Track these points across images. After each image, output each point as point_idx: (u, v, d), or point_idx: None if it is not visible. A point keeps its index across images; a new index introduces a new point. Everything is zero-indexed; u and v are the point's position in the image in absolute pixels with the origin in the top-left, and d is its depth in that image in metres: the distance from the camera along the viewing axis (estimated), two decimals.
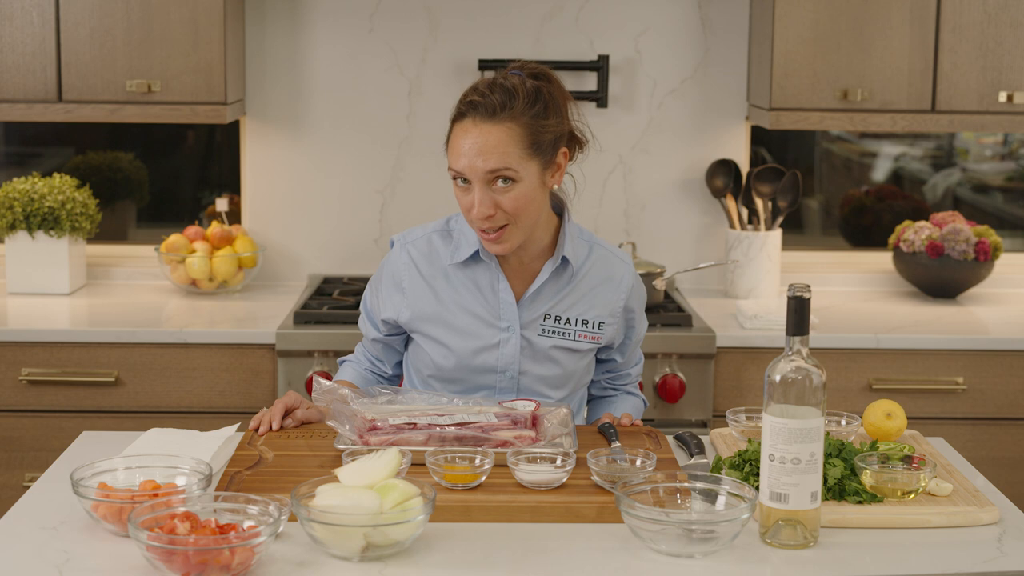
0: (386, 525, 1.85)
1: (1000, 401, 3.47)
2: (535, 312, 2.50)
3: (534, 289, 2.48)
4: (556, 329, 2.50)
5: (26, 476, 3.40)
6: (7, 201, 3.69)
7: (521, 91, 2.35)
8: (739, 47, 3.91)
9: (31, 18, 3.53)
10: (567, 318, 2.50)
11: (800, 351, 1.95)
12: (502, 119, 2.33)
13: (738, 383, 3.44)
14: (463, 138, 2.34)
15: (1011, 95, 3.60)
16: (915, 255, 3.82)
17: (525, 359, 2.50)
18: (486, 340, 2.48)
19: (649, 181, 3.97)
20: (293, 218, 3.97)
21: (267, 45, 3.88)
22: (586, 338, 2.52)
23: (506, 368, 2.49)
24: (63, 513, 2.06)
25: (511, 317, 2.48)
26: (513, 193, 2.34)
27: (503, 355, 2.49)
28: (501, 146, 2.32)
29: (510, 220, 2.37)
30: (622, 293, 2.55)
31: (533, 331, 2.49)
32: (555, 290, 2.51)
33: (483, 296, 2.49)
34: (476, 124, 2.33)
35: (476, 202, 2.34)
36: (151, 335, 3.39)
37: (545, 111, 2.37)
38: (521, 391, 2.52)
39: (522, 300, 2.49)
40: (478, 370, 2.50)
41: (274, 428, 2.42)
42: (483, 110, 2.33)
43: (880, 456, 2.17)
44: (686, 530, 1.91)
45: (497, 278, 2.48)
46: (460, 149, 2.34)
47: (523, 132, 2.34)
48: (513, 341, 2.48)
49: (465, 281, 2.50)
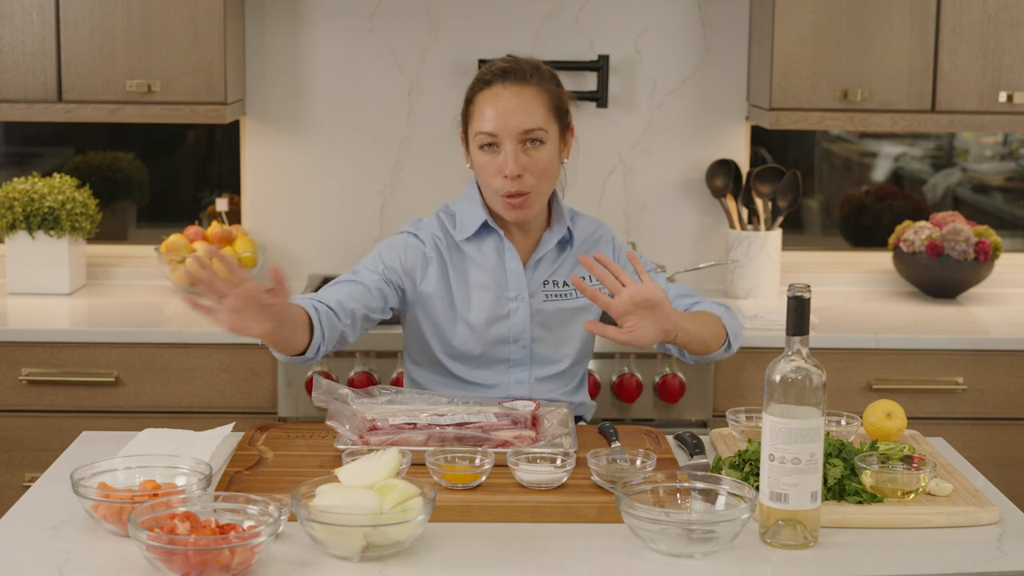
0: (386, 525, 1.85)
1: (1000, 401, 3.47)
2: (537, 280, 2.59)
3: (538, 256, 2.58)
4: (557, 293, 2.59)
5: (26, 476, 3.40)
6: (7, 201, 3.68)
7: (541, 64, 2.54)
8: (739, 47, 3.91)
9: (31, 18, 3.53)
10: (564, 281, 2.60)
11: (800, 351, 1.95)
12: (532, 83, 2.49)
13: (738, 383, 3.44)
14: (494, 101, 2.47)
15: (1011, 95, 3.60)
16: (915, 255, 3.82)
17: (536, 326, 2.57)
18: (496, 311, 2.56)
19: (649, 181, 3.97)
20: (293, 218, 3.97)
21: (267, 45, 3.88)
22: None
23: (518, 337, 2.56)
24: (63, 513, 2.06)
25: (519, 285, 2.56)
26: (542, 155, 2.47)
27: (515, 324, 2.56)
28: (533, 106, 2.47)
29: (534, 186, 2.47)
30: (606, 250, 2.65)
31: (538, 298, 2.58)
32: (553, 257, 2.61)
33: (492, 268, 2.57)
34: (507, 87, 2.47)
35: (510, 160, 2.44)
36: (151, 335, 3.39)
37: (559, 84, 2.56)
38: (535, 360, 2.58)
39: (526, 268, 2.58)
40: (492, 342, 2.56)
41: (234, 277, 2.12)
42: (513, 76, 2.48)
43: (880, 456, 2.17)
44: (686, 530, 1.91)
45: (504, 248, 2.57)
46: (492, 112, 2.46)
47: (548, 97, 2.50)
48: (523, 309, 2.56)
49: (474, 255, 2.58)
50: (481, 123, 2.47)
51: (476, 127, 2.48)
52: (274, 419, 3.41)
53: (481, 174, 2.51)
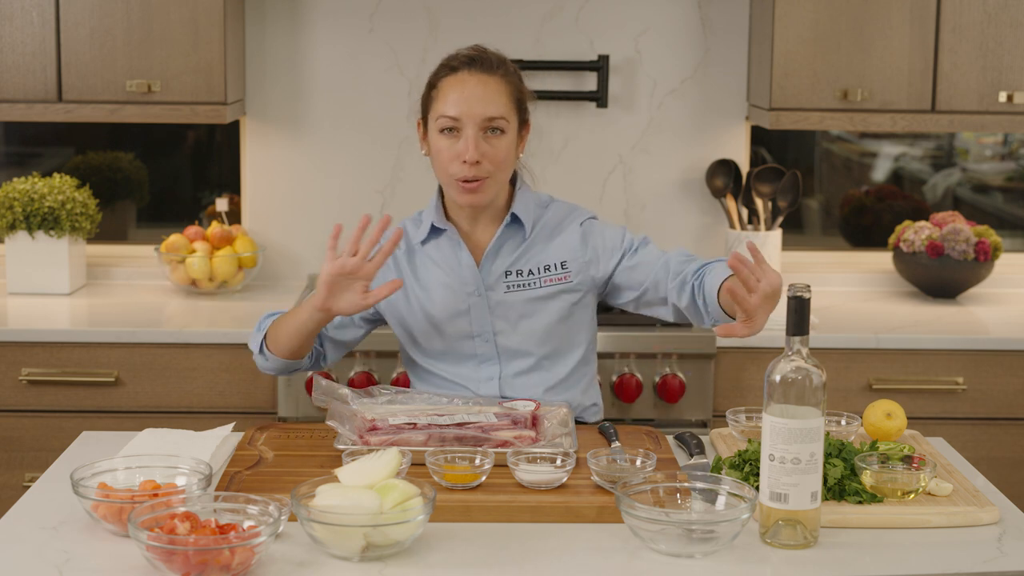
0: (386, 525, 1.85)
1: (1000, 401, 3.47)
2: (496, 272, 2.57)
3: (490, 248, 2.57)
4: (520, 282, 2.58)
5: (26, 476, 3.40)
6: (7, 201, 3.68)
7: (507, 59, 2.57)
8: (739, 47, 3.91)
9: (31, 18, 3.53)
10: (528, 270, 2.58)
11: (800, 351, 1.95)
12: (497, 73, 2.52)
13: (738, 383, 3.44)
14: (459, 87, 2.49)
15: (1011, 95, 3.60)
16: (915, 255, 3.82)
17: (497, 319, 2.57)
18: (455, 307, 2.56)
19: (649, 181, 3.97)
20: (293, 218, 3.97)
21: (267, 45, 3.88)
22: (551, 281, 2.58)
23: (480, 331, 2.57)
24: (63, 513, 2.06)
25: (475, 280, 2.56)
26: (502, 144, 2.50)
27: (475, 319, 2.56)
28: (497, 95, 2.50)
29: (491, 172, 2.49)
30: (574, 230, 2.60)
31: (499, 291, 2.57)
32: (512, 248, 2.59)
33: (448, 266, 2.58)
34: (473, 75, 2.50)
35: (471, 146, 2.46)
36: (151, 335, 3.39)
37: (522, 80, 2.59)
38: (502, 353, 2.57)
39: (481, 262, 2.57)
40: (455, 338, 2.57)
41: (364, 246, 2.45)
42: (480, 64, 2.51)
43: (880, 456, 2.17)
44: (686, 530, 1.91)
45: (458, 245, 2.58)
46: (456, 96, 2.49)
47: (511, 89, 2.53)
48: (480, 304, 2.56)
49: (433, 255, 2.60)
50: (444, 107, 2.49)
51: (438, 111, 2.50)
52: (274, 419, 3.41)
53: (438, 159, 2.52)
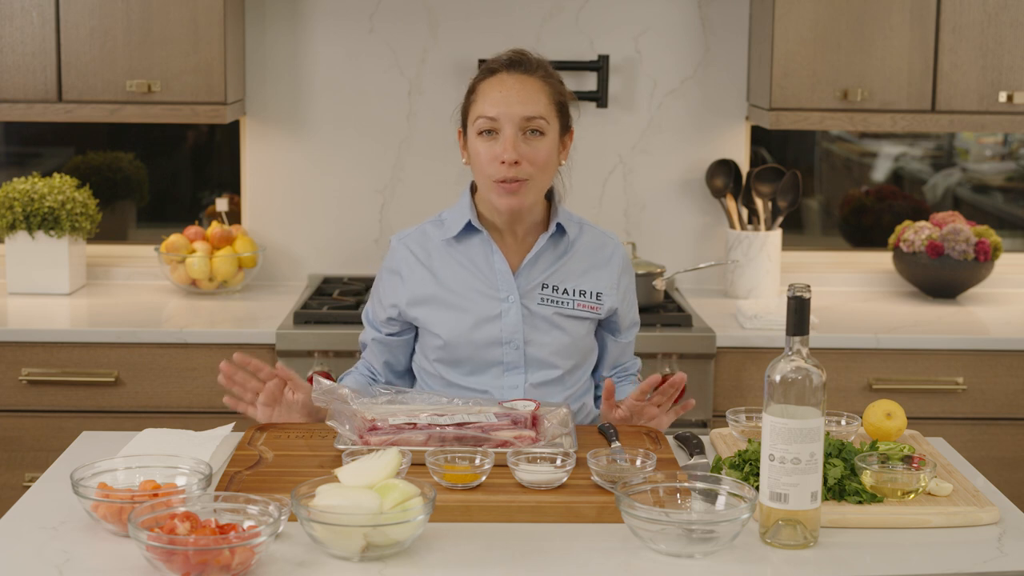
0: (386, 525, 1.85)
1: (1000, 401, 3.47)
2: (532, 281, 2.55)
3: (531, 257, 2.54)
4: (555, 298, 2.55)
5: (26, 476, 3.40)
6: (7, 201, 3.69)
7: (548, 63, 2.55)
8: (739, 47, 3.91)
9: (31, 18, 3.53)
10: (564, 288, 2.56)
11: (800, 351, 1.95)
12: (537, 74, 2.50)
13: (738, 383, 3.45)
14: (499, 87, 2.47)
15: (1011, 95, 3.60)
16: (915, 255, 3.82)
17: (528, 328, 2.53)
18: (487, 312, 2.52)
19: (649, 181, 3.97)
20: (293, 218, 3.97)
21: (267, 45, 3.88)
22: (585, 307, 2.57)
23: (511, 338, 2.52)
24: (63, 513, 2.06)
25: (509, 287, 2.53)
26: (542, 146, 2.46)
27: (506, 325, 2.52)
28: (537, 96, 2.47)
29: (531, 175, 2.46)
30: (615, 268, 2.62)
31: (532, 300, 2.54)
32: (551, 260, 2.56)
33: (479, 269, 2.54)
34: (513, 75, 2.48)
35: (508, 146, 2.43)
36: (151, 335, 3.39)
37: (563, 84, 2.56)
38: (530, 363, 2.54)
39: (519, 269, 2.54)
40: (483, 344, 2.52)
41: (260, 376, 2.49)
42: (520, 67, 2.49)
43: (880, 456, 2.17)
44: (686, 530, 1.91)
45: (491, 250, 2.54)
46: (496, 97, 2.46)
47: (552, 91, 2.50)
48: (514, 311, 2.52)
49: (460, 258, 2.55)
50: (483, 107, 2.45)
51: (477, 111, 2.46)
52: None
53: (477, 162, 2.47)
